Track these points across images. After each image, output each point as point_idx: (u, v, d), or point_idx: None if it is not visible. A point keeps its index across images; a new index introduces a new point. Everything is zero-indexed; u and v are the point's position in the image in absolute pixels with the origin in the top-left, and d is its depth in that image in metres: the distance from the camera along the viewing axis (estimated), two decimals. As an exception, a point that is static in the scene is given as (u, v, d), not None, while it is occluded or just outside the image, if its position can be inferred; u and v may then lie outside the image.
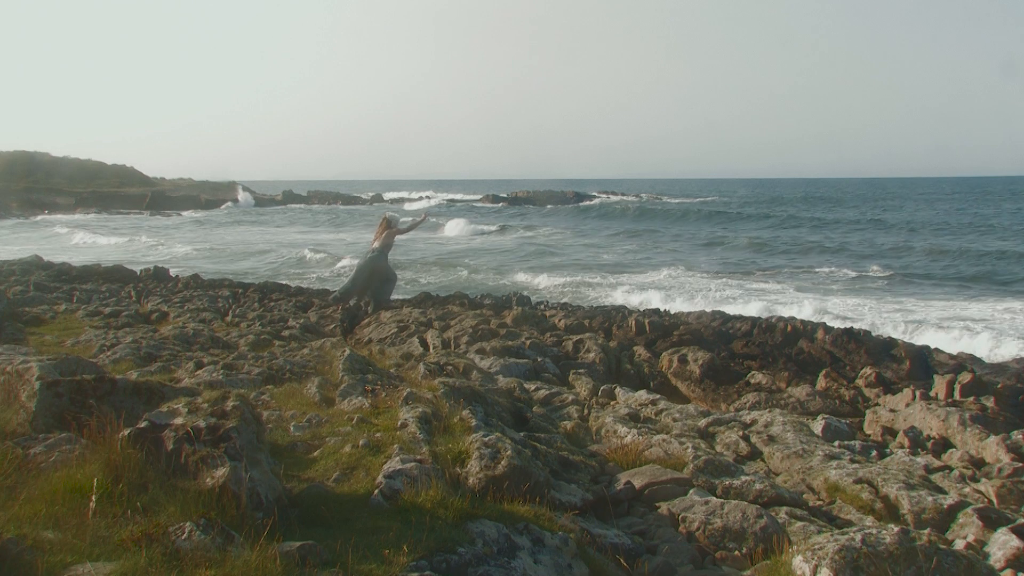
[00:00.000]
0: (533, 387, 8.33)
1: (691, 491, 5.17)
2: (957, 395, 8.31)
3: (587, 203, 77.68)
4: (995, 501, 5.46)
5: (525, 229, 49.58)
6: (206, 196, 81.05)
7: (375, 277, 14.76)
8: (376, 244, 14.98)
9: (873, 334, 11.72)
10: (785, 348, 11.33)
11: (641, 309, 15.49)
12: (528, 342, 10.68)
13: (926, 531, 4.14)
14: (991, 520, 4.79)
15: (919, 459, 6.37)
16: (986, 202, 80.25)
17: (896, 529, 3.77)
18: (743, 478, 5.46)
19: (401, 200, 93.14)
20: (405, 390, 6.03)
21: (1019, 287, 24.11)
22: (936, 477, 5.93)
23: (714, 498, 5.04)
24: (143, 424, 3.62)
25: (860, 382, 9.53)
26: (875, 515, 5.19)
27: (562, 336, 11.46)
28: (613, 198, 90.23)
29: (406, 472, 4.15)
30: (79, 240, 40.36)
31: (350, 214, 68.87)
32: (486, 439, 4.76)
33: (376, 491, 4.03)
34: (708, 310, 14.62)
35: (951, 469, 6.13)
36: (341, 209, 76.89)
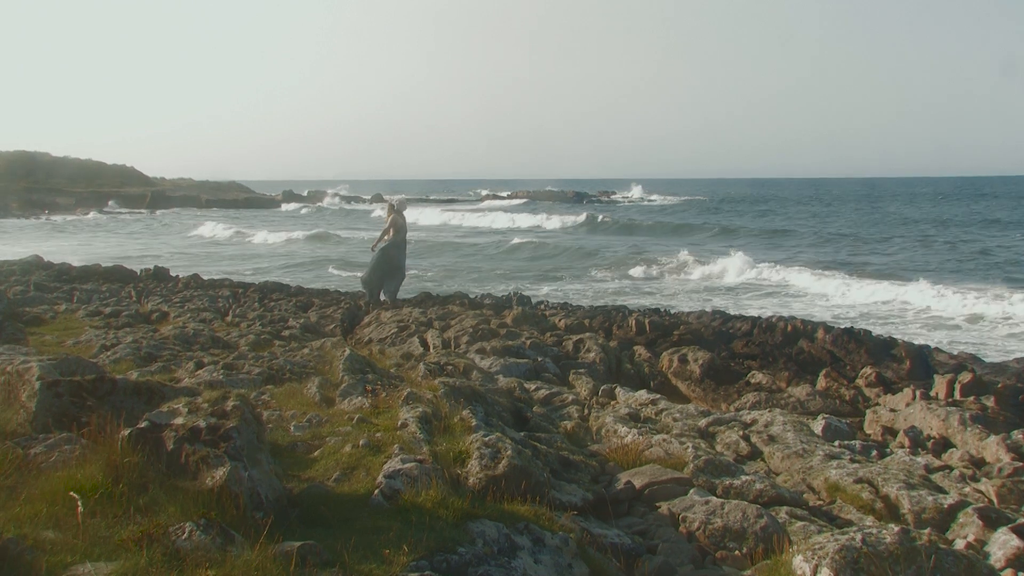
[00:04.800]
0: (533, 387, 8.32)
1: (691, 491, 5.17)
2: (957, 395, 8.30)
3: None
4: (995, 501, 5.45)
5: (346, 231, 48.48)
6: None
7: (390, 267, 14.90)
8: (390, 234, 15.06)
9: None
10: (785, 348, 11.32)
11: (642, 309, 15.51)
12: (528, 342, 10.67)
13: (926, 531, 4.14)
14: (991, 520, 4.79)
15: (919, 459, 6.36)
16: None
17: (896, 529, 3.77)
18: (743, 478, 5.46)
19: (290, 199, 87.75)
20: (405, 390, 6.03)
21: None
22: (936, 477, 5.93)
23: (714, 498, 5.04)
24: (143, 424, 3.62)
25: (860, 382, 9.52)
26: (875, 515, 5.19)
27: (562, 336, 11.45)
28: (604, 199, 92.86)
29: (406, 472, 4.15)
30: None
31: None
32: (486, 439, 4.75)
33: (376, 491, 4.03)
34: (708, 310, 14.62)
35: (951, 469, 6.12)
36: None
